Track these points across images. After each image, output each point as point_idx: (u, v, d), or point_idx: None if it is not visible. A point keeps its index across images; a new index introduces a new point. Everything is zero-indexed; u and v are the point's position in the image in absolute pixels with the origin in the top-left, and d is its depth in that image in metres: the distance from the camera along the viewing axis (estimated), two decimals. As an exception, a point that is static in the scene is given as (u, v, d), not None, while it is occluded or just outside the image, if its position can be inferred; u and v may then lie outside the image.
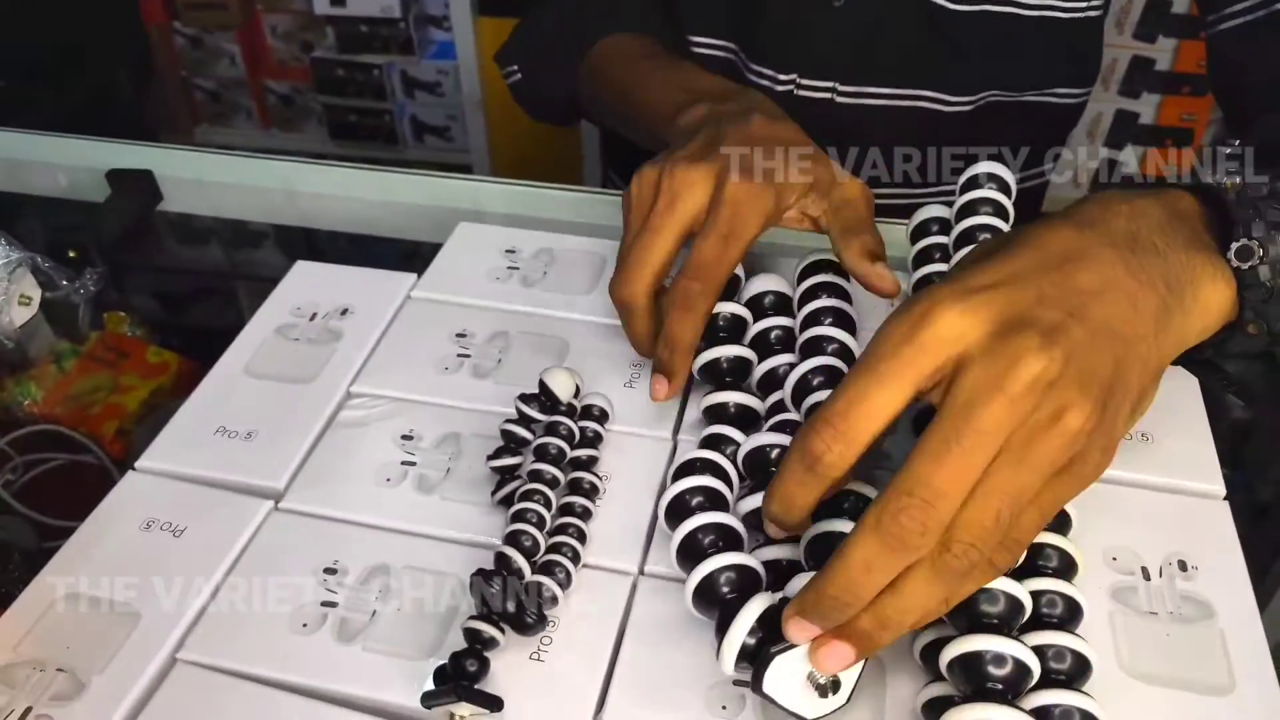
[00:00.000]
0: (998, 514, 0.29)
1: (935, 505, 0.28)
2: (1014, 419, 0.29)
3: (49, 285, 0.58)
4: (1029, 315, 0.30)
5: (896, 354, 0.30)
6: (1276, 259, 0.35)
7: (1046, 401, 0.29)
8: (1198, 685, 0.35)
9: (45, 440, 0.53)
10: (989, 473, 0.29)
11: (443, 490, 0.42)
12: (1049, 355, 0.29)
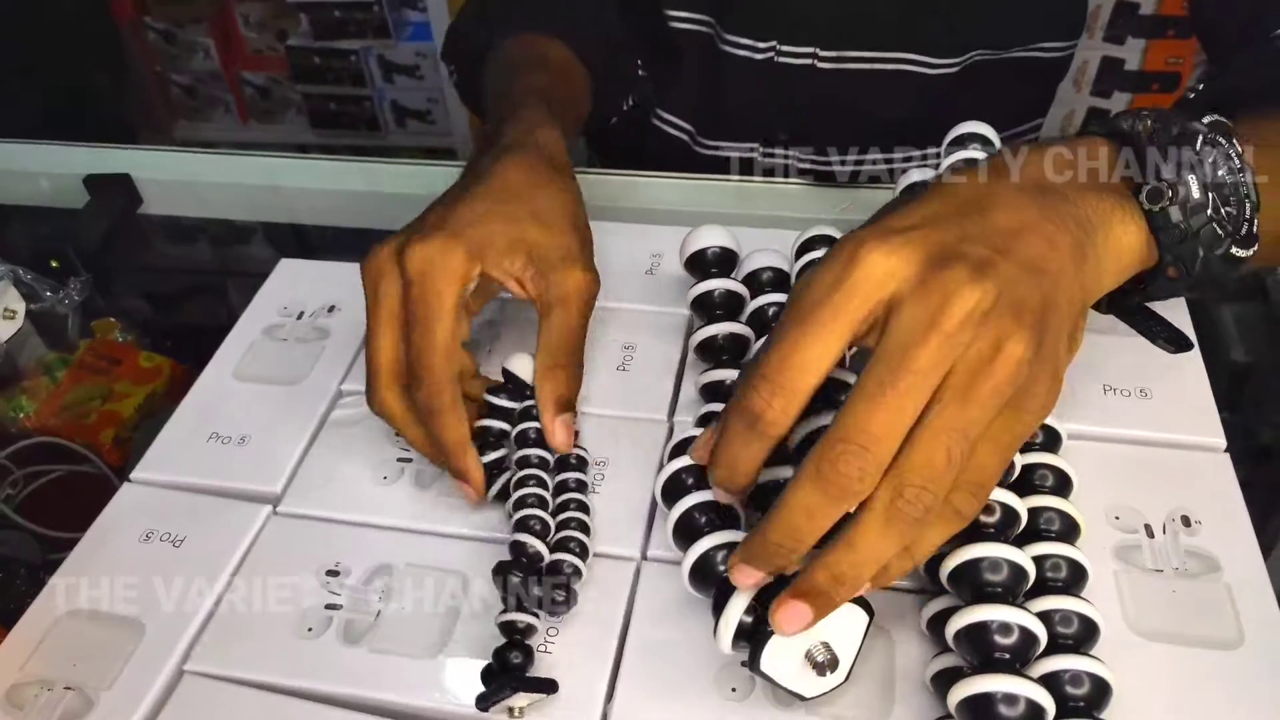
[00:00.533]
0: (947, 452, 0.28)
1: (871, 449, 0.28)
2: (950, 355, 0.28)
3: (33, 297, 0.58)
4: (956, 251, 0.30)
5: (827, 301, 0.30)
6: (1186, 199, 0.34)
7: (983, 334, 0.29)
8: (1207, 640, 0.35)
9: (43, 452, 0.53)
10: (933, 412, 0.28)
11: (440, 485, 0.42)
12: (981, 288, 0.29)
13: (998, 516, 0.34)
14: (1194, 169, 0.34)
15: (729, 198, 0.61)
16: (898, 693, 0.34)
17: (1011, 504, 0.34)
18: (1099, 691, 0.31)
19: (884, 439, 0.28)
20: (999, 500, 0.34)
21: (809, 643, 0.31)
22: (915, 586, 0.37)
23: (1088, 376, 0.43)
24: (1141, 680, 0.33)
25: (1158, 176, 0.34)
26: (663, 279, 0.50)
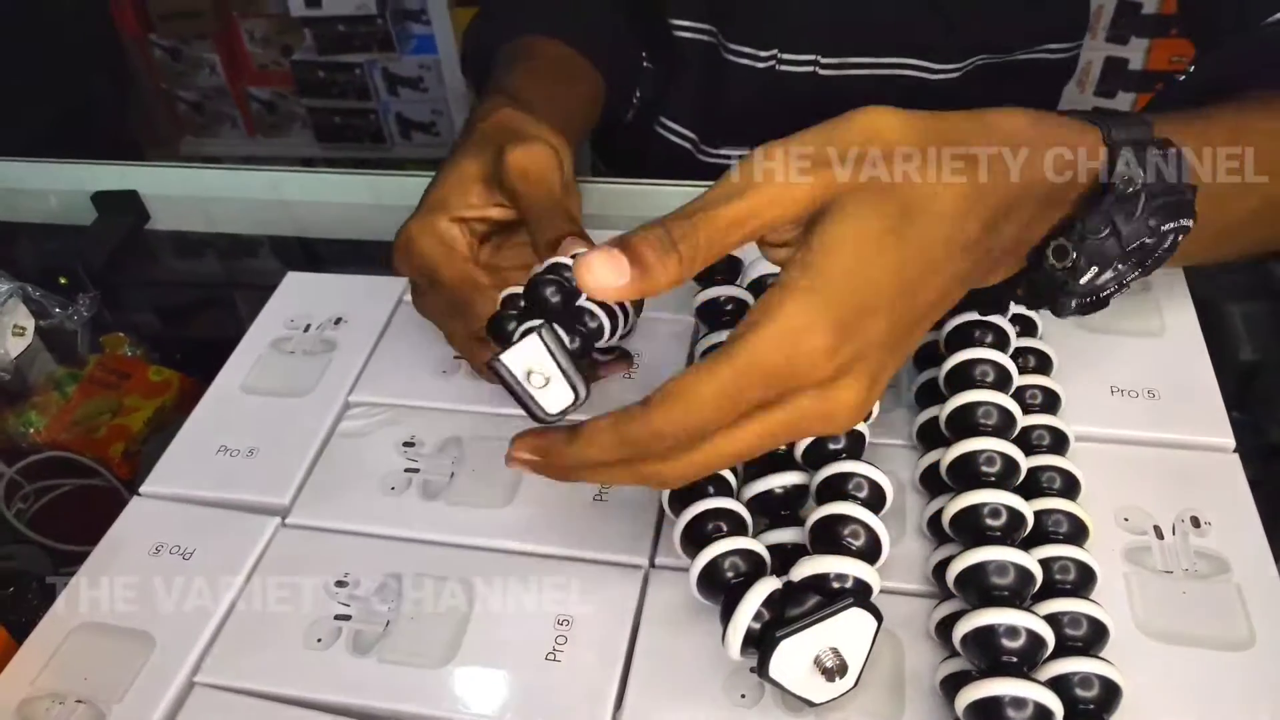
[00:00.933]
0: (743, 450, 0.31)
1: (685, 442, 0.30)
2: (791, 390, 0.30)
3: (42, 314, 0.58)
4: (865, 361, 0.30)
5: (745, 380, 0.30)
6: (1081, 276, 0.34)
7: (828, 392, 0.30)
8: (1217, 641, 0.34)
9: (54, 467, 0.54)
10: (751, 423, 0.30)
11: (448, 495, 0.42)
12: (869, 390, 0.31)
13: (1004, 520, 0.34)
14: (1111, 259, 0.34)
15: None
16: (907, 697, 0.34)
17: (1018, 507, 0.34)
18: (1108, 694, 0.31)
19: (701, 436, 0.30)
20: (1004, 504, 0.34)
21: (818, 648, 0.31)
22: (923, 590, 0.37)
23: (1095, 378, 0.43)
24: (1151, 682, 0.33)
25: (1081, 237, 0.34)
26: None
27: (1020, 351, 0.41)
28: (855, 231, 0.29)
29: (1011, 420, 0.37)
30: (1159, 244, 0.35)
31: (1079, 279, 0.34)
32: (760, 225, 0.30)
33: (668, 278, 0.29)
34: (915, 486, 0.40)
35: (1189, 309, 0.46)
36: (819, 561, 0.32)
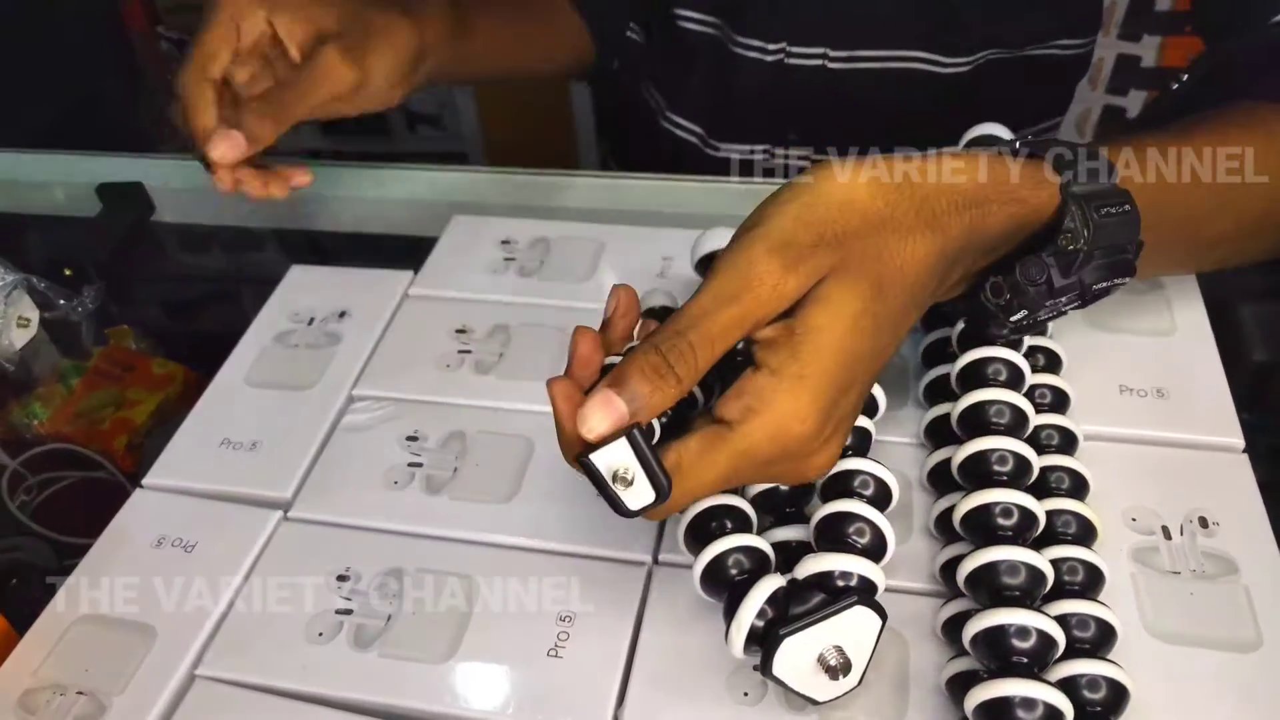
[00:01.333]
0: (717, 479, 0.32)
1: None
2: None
3: (47, 305, 0.58)
4: (840, 428, 0.33)
5: (741, 465, 0.31)
6: (1018, 309, 0.35)
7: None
8: (1225, 643, 0.34)
9: (57, 459, 0.53)
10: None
11: (451, 490, 0.41)
12: (839, 447, 0.33)
13: (1015, 520, 0.34)
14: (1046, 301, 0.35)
15: (740, 199, 0.61)
16: (911, 697, 0.33)
17: (1030, 507, 0.34)
18: (1116, 696, 0.31)
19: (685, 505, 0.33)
20: (1016, 504, 0.34)
21: (822, 646, 0.31)
22: (929, 589, 0.36)
23: (1104, 378, 0.43)
24: (1159, 683, 0.33)
25: (1014, 284, 0.35)
26: (674, 281, 0.50)
27: (1030, 350, 0.40)
28: (837, 316, 0.31)
29: (1024, 419, 0.37)
30: (1089, 296, 0.36)
31: (1009, 316, 0.36)
32: (752, 326, 0.31)
33: (666, 401, 0.31)
34: (922, 485, 0.40)
35: (1199, 308, 0.46)
36: (823, 559, 0.32)
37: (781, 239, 0.31)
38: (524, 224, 0.55)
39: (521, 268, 0.52)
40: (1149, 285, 0.47)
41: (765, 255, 0.30)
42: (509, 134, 1.74)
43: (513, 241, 0.54)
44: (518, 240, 0.54)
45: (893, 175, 0.32)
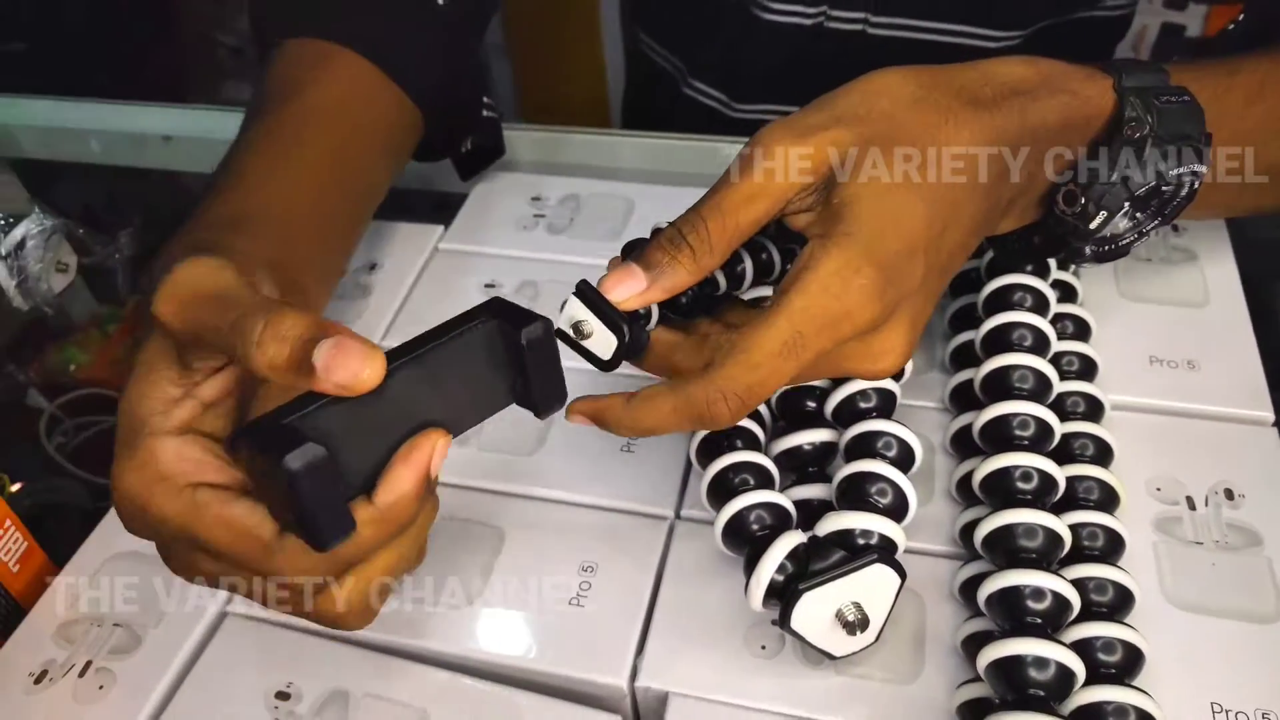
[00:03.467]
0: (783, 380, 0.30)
1: (746, 401, 0.30)
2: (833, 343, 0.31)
3: (85, 251, 0.59)
4: (908, 303, 0.31)
5: (803, 329, 0.30)
6: (1094, 218, 0.35)
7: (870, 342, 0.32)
8: (1245, 613, 0.34)
9: (93, 403, 0.55)
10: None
11: (478, 441, 0.42)
12: (910, 333, 0.32)
13: (1035, 484, 0.34)
14: (1129, 208, 0.34)
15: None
16: (927, 655, 0.34)
17: (1050, 471, 0.34)
18: (1131, 659, 0.31)
19: (762, 393, 0.30)
20: (1036, 468, 0.34)
21: (840, 602, 0.31)
22: (948, 551, 0.37)
23: (1135, 347, 0.43)
24: (1176, 650, 0.33)
25: (1088, 182, 0.34)
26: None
27: (1059, 317, 0.40)
28: (878, 182, 0.30)
29: (1048, 385, 0.37)
30: (1175, 190, 0.35)
31: (1089, 224, 0.34)
32: (771, 201, 0.30)
33: (686, 270, 0.30)
34: (945, 449, 0.40)
35: (1234, 280, 0.45)
36: (845, 517, 0.32)
37: (796, 118, 0.31)
38: (554, 181, 0.55)
39: (551, 224, 0.52)
40: (1183, 255, 0.47)
41: (776, 129, 0.30)
42: (541, 92, 1.73)
43: (543, 198, 0.54)
44: (548, 197, 0.54)
45: (929, 70, 0.32)
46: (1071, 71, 0.34)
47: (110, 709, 0.35)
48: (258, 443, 0.26)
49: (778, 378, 0.30)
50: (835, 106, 0.31)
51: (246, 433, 0.27)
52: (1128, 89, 0.34)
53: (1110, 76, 0.34)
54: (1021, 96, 0.32)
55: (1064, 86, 0.33)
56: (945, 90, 0.32)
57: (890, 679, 0.33)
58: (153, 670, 0.35)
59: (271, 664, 0.35)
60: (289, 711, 0.34)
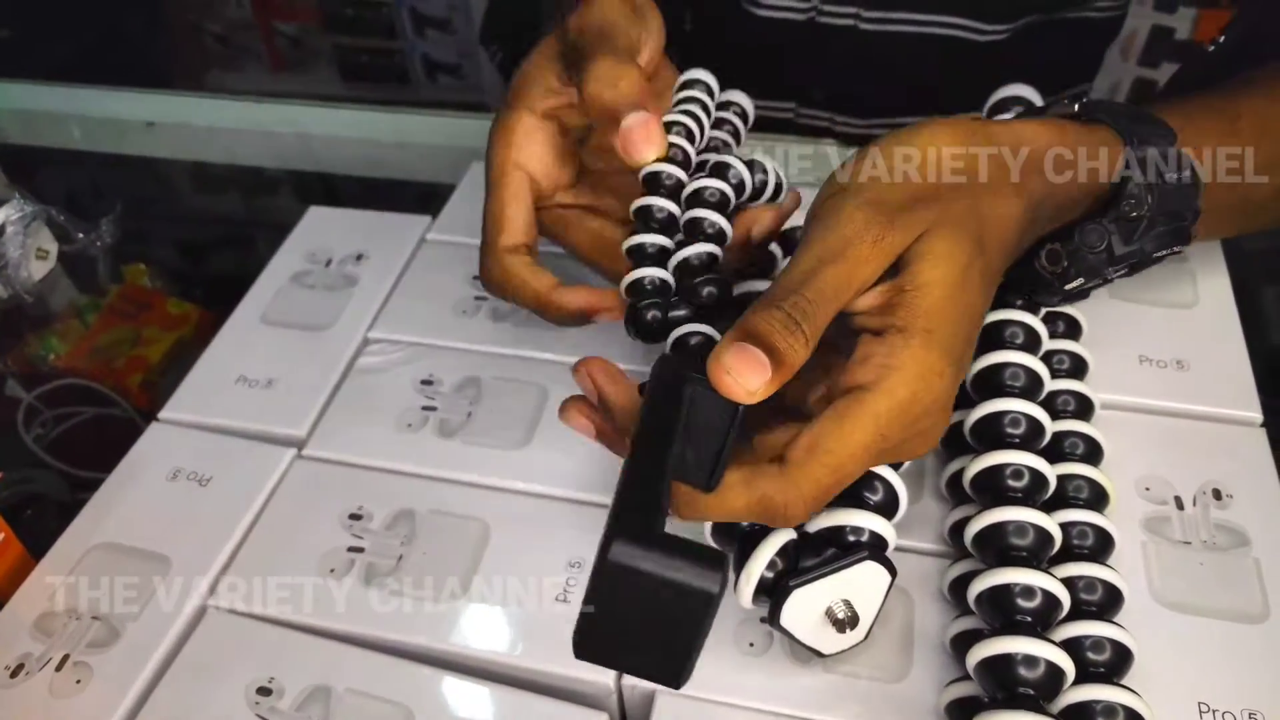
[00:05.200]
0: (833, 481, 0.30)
1: (823, 501, 0.30)
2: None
3: (65, 238, 0.58)
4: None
5: (888, 432, 0.29)
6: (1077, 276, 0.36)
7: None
8: (1232, 613, 0.34)
9: (73, 394, 0.54)
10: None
11: (464, 435, 0.42)
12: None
13: (1026, 481, 0.34)
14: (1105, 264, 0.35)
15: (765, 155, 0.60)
16: (916, 653, 0.34)
17: (1041, 469, 0.34)
18: (1120, 658, 0.31)
19: (835, 492, 0.30)
20: (1028, 465, 0.34)
21: (830, 599, 0.31)
22: (939, 550, 0.37)
23: (1125, 347, 0.43)
24: (1165, 649, 0.33)
25: (1075, 250, 0.34)
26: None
27: (1050, 316, 0.40)
28: (948, 270, 0.29)
29: (1039, 383, 0.36)
30: (1147, 261, 0.36)
31: (1065, 284, 0.35)
32: (860, 286, 0.30)
33: (799, 363, 0.29)
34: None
35: (1224, 281, 0.46)
36: (836, 514, 0.32)
37: (874, 197, 0.30)
38: (544, 173, 0.55)
39: (540, 217, 0.52)
40: (1173, 258, 0.47)
41: (861, 210, 0.29)
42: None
43: (532, 190, 0.54)
44: (537, 189, 0.54)
45: (974, 136, 0.32)
46: (1089, 141, 0.34)
47: (88, 703, 0.34)
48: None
49: (852, 476, 0.29)
50: (904, 183, 0.30)
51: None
52: (1137, 161, 0.34)
53: (1121, 142, 0.34)
54: (1041, 176, 0.33)
55: (1079, 164, 0.34)
56: (994, 169, 0.31)
57: (879, 677, 0.33)
58: (131, 664, 0.35)
59: (253, 659, 0.35)
60: (270, 707, 0.33)
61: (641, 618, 0.24)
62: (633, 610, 0.24)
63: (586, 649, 0.26)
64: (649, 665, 0.26)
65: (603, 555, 0.24)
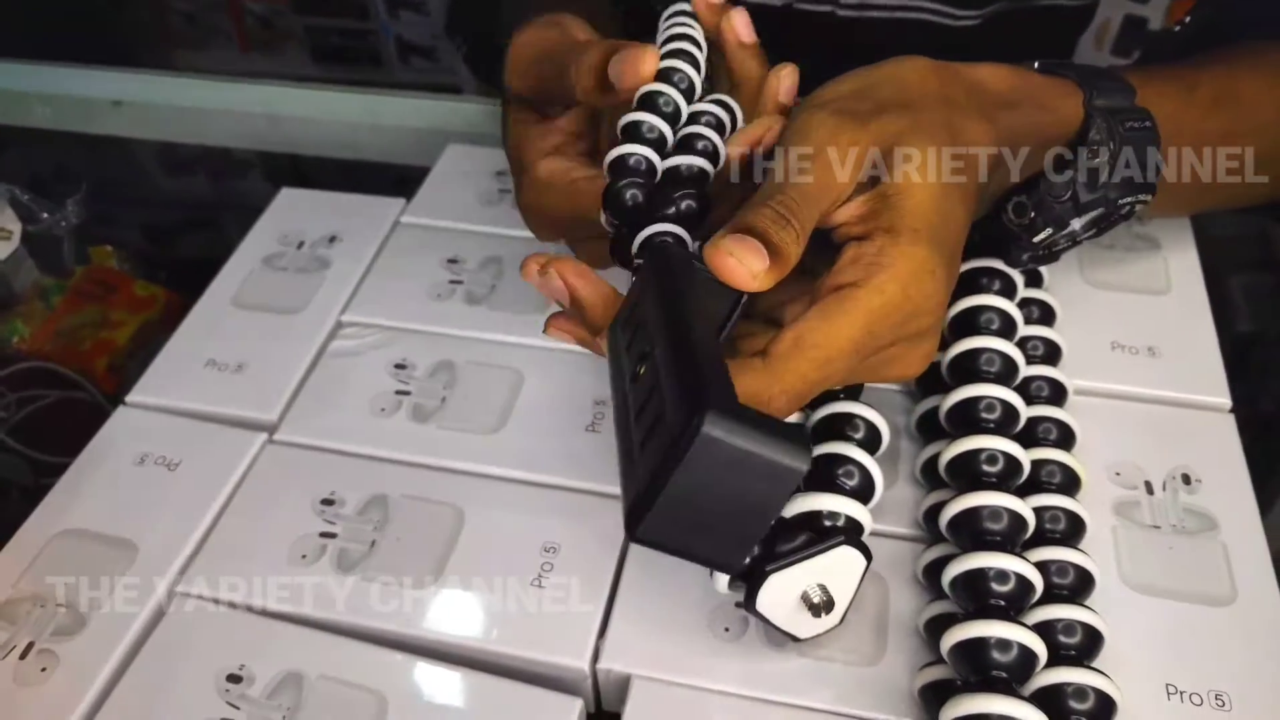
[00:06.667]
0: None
1: (805, 399, 0.29)
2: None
3: (30, 218, 0.57)
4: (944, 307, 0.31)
5: (876, 327, 0.29)
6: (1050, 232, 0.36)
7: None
8: (1200, 596, 0.35)
9: (37, 377, 0.53)
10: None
11: (438, 419, 0.41)
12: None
13: (1000, 466, 0.34)
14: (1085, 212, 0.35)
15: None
16: (890, 638, 0.34)
17: (1015, 454, 0.34)
18: (1091, 641, 0.31)
19: (823, 388, 0.29)
20: (1002, 450, 0.34)
21: (806, 584, 0.31)
22: (913, 535, 0.37)
23: (1097, 333, 0.43)
24: (1134, 632, 0.33)
25: (1040, 199, 0.35)
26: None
27: (1025, 302, 0.40)
28: (926, 174, 0.29)
29: (1014, 368, 0.37)
30: (1114, 212, 0.36)
31: (1033, 236, 0.35)
32: (836, 193, 0.29)
33: (792, 257, 0.28)
34: (910, 432, 0.40)
35: (1195, 268, 0.46)
36: (811, 499, 0.32)
37: (844, 106, 0.30)
38: (519, 156, 0.54)
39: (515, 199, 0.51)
40: (1146, 244, 0.47)
41: (832, 116, 0.29)
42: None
43: (507, 173, 0.53)
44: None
45: (940, 69, 0.32)
46: (1050, 86, 0.34)
47: (53, 692, 0.33)
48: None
49: (840, 376, 0.29)
50: (875, 93, 0.30)
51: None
52: (1095, 109, 0.34)
53: (1081, 91, 0.35)
54: (1011, 110, 0.33)
55: (1043, 103, 0.34)
56: (961, 93, 0.32)
57: (853, 661, 0.33)
58: (98, 652, 0.34)
59: (223, 646, 0.34)
60: (241, 694, 0.33)
61: (718, 495, 0.22)
62: (710, 488, 0.22)
63: (650, 529, 0.24)
64: (711, 549, 0.24)
65: (688, 426, 0.22)
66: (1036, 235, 0.35)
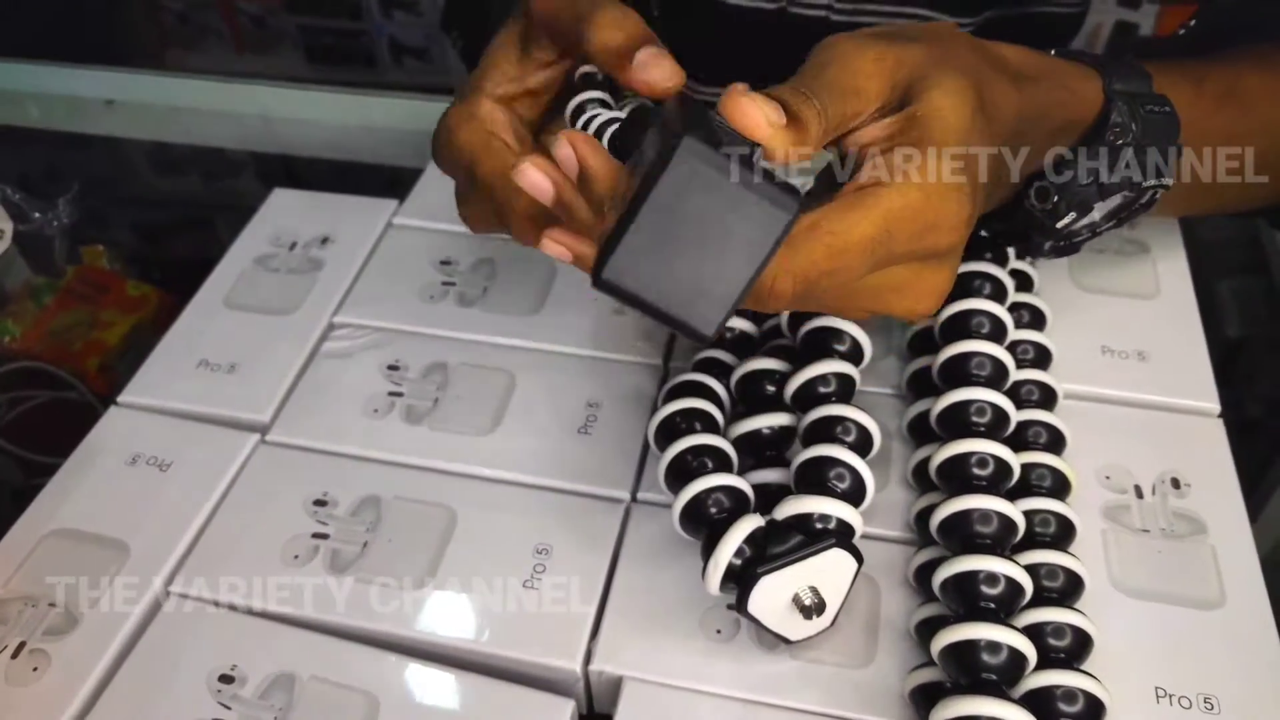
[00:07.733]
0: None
1: (812, 291, 0.28)
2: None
3: (21, 218, 0.57)
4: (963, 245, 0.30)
5: (895, 229, 0.28)
6: (1072, 216, 0.36)
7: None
8: (1189, 600, 0.35)
9: (28, 377, 0.53)
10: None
11: (431, 420, 0.41)
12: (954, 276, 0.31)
13: (990, 470, 0.34)
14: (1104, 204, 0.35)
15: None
16: (881, 640, 0.34)
17: (1006, 458, 0.34)
18: (1080, 644, 0.32)
19: (825, 285, 0.28)
20: (993, 454, 0.34)
21: (797, 586, 0.31)
22: (904, 538, 0.37)
23: (1087, 337, 0.43)
24: (1123, 635, 0.34)
25: (1064, 183, 0.34)
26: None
27: (1015, 306, 0.40)
28: (959, 101, 0.29)
29: (1005, 372, 0.37)
30: (1136, 199, 0.35)
31: (1056, 222, 0.35)
32: (864, 102, 0.29)
33: (812, 128, 0.27)
34: (901, 435, 0.40)
35: (1185, 273, 0.46)
36: (803, 501, 0.32)
37: (872, 32, 0.29)
38: (513, 158, 0.54)
39: (509, 202, 0.51)
40: (1136, 248, 0.48)
41: (857, 36, 0.29)
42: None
43: (501, 175, 0.53)
44: (506, 174, 0.53)
45: (965, 37, 0.32)
46: (1069, 69, 0.34)
47: (45, 691, 0.33)
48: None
49: (849, 273, 0.27)
50: (906, 30, 0.30)
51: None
52: (1116, 92, 0.34)
53: (1100, 75, 0.35)
54: (1034, 84, 0.32)
55: (1064, 83, 0.34)
56: (987, 54, 0.31)
57: (844, 663, 0.33)
58: (90, 652, 0.34)
59: (215, 646, 0.34)
60: (233, 695, 0.33)
61: (696, 235, 0.20)
62: (687, 222, 0.20)
63: (616, 270, 0.21)
64: (683, 303, 0.21)
65: (667, 147, 0.20)
66: (1060, 220, 0.35)
